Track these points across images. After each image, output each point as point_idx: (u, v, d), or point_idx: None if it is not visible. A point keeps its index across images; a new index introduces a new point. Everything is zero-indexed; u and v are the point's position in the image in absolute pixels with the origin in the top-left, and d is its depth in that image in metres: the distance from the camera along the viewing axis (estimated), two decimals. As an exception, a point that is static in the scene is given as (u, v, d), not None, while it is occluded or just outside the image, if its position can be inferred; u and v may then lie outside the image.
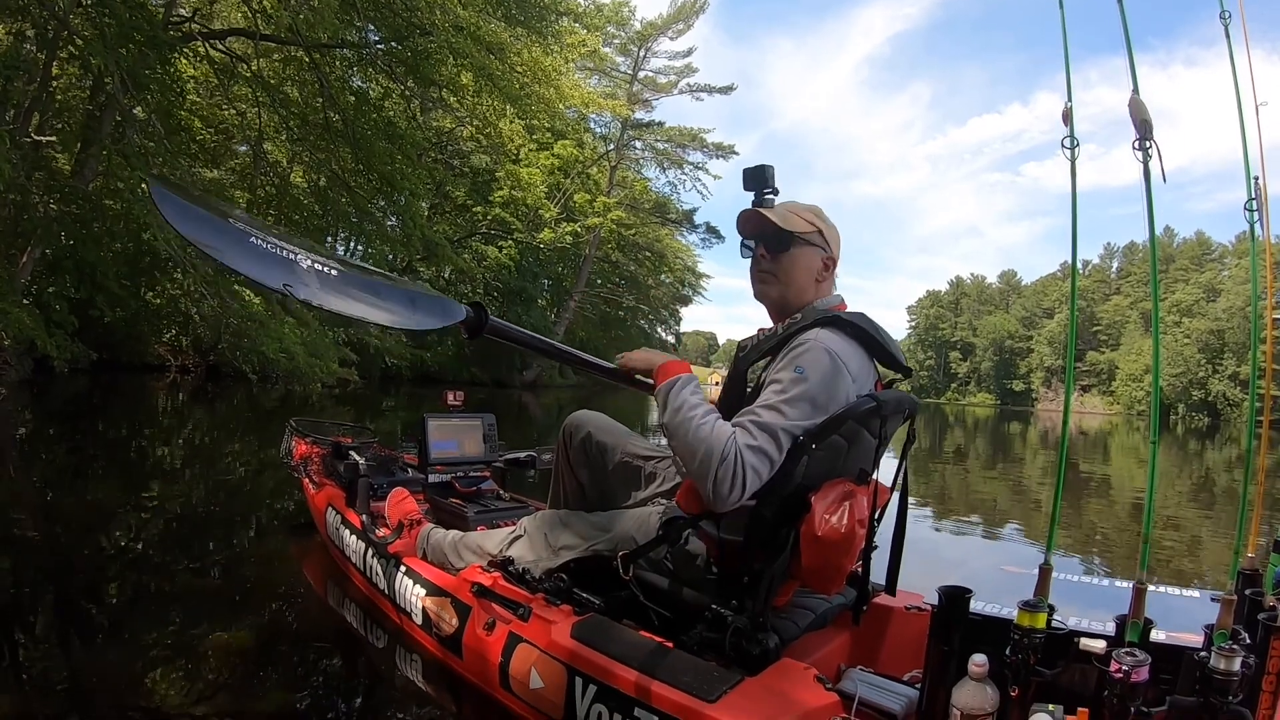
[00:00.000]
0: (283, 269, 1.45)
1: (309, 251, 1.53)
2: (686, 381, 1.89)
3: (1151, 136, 1.62)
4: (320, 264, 1.51)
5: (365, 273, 1.67)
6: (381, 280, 1.71)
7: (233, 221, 1.46)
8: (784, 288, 2.04)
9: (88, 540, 3.78)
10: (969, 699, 1.49)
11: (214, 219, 1.46)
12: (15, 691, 2.19)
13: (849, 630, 2.23)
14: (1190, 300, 68.44)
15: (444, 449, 3.40)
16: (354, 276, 1.58)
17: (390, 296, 1.69)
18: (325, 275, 1.50)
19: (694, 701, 1.63)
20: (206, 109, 17.04)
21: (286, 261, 1.46)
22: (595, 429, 2.48)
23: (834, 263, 2.06)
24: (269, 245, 1.45)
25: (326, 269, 1.52)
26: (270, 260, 1.45)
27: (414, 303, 1.71)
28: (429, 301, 1.75)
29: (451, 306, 1.77)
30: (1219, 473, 13.69)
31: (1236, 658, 1.39)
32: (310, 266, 1.49)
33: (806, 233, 2.02)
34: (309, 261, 1.49)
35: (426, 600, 2.44)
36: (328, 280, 1.50)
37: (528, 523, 2.39)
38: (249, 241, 1.42)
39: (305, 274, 1.47)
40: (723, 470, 1.67)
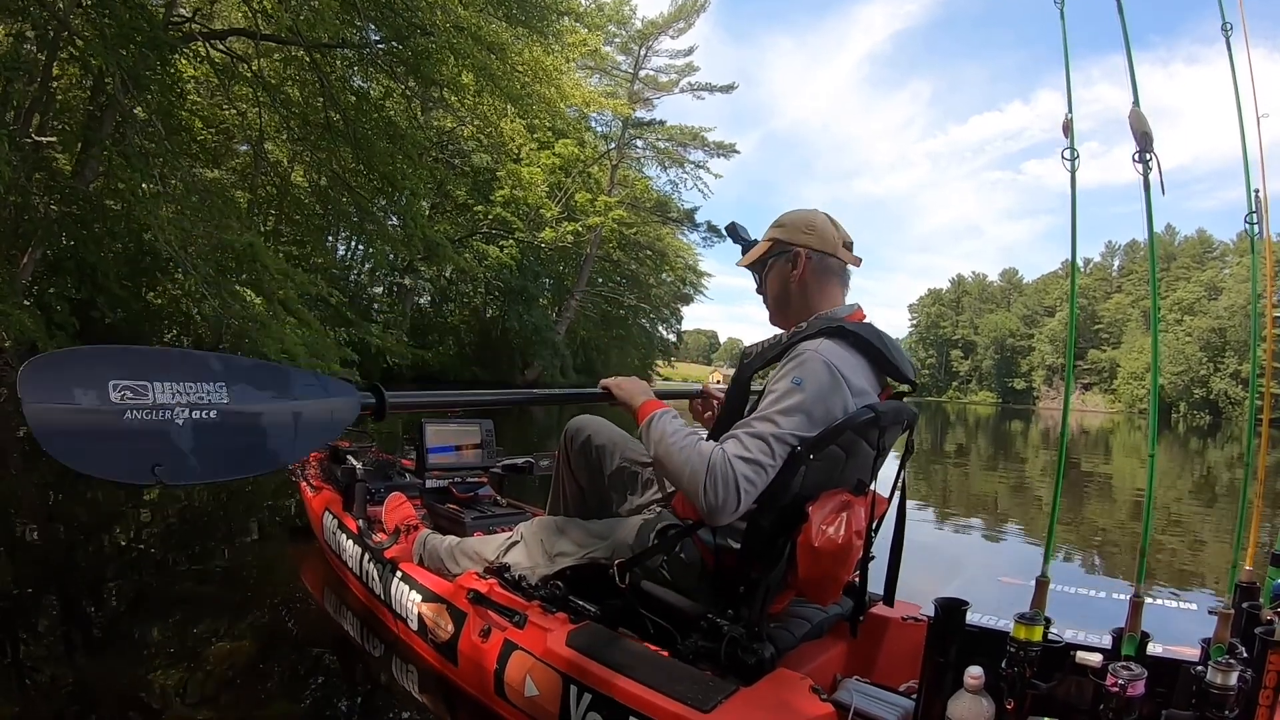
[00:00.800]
0: (154, 444, 1.34)
1: (188, 383, 1.39)
2: (664, 414, 1.90)
3: (1151, 149, 1.61)
4: (199, 410, 1.40)
5: (253, 384, 1.51)
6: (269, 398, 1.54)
7: (112, 391, 1.30)
8: (770, 306, 2.14)
9: (89, 542, 3.79)
10: (964, 711, 1.48)
11: (85, 413, 1.29)
12: (16, 693, 2.19)
13: (845, 640, 2.22)
14: (1192, 298, 68.42)
15: (441, 454, 3.39)
16: (237, 410, 1.45)
17: (280, 419, 1.55)
18: (204, 425, 1.39)
19: (689, 711, 1.63)
20: (207, 109, 17.05)
21: (160, 429, 1.35)
22: (595, 433, 2.49)
23: (804, 254, 2.04)
24: (142, 416, 1.32)
25: (206, 414, 1.40)
26: (140, 442, 1.33)
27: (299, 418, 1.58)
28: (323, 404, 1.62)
29: (349, 400, 1.68)
30: (1220, 471, 13.68)
31: (1233, 672, 1.39)
32: (187, 420, 1.38)
33: (765, 252, 2.10)
34: (186, 413, 1.38)
35: (422, 606, 2.43)
36: (206, 432, 1.39)
37: (524, 529, 2.39)
38: (121, 422, 1.30)
39: (181, 436, 1.37)
40: (711, 482, 1.66)
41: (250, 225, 14.28)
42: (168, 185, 11.82)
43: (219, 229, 12.01)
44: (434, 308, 30.64)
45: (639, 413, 1.97)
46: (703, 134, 36.76)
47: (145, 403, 1.34)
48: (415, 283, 27.52)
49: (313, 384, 1.64)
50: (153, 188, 11.55)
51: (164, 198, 11.66)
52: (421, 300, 29.85)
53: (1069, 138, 1.72)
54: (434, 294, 29.98)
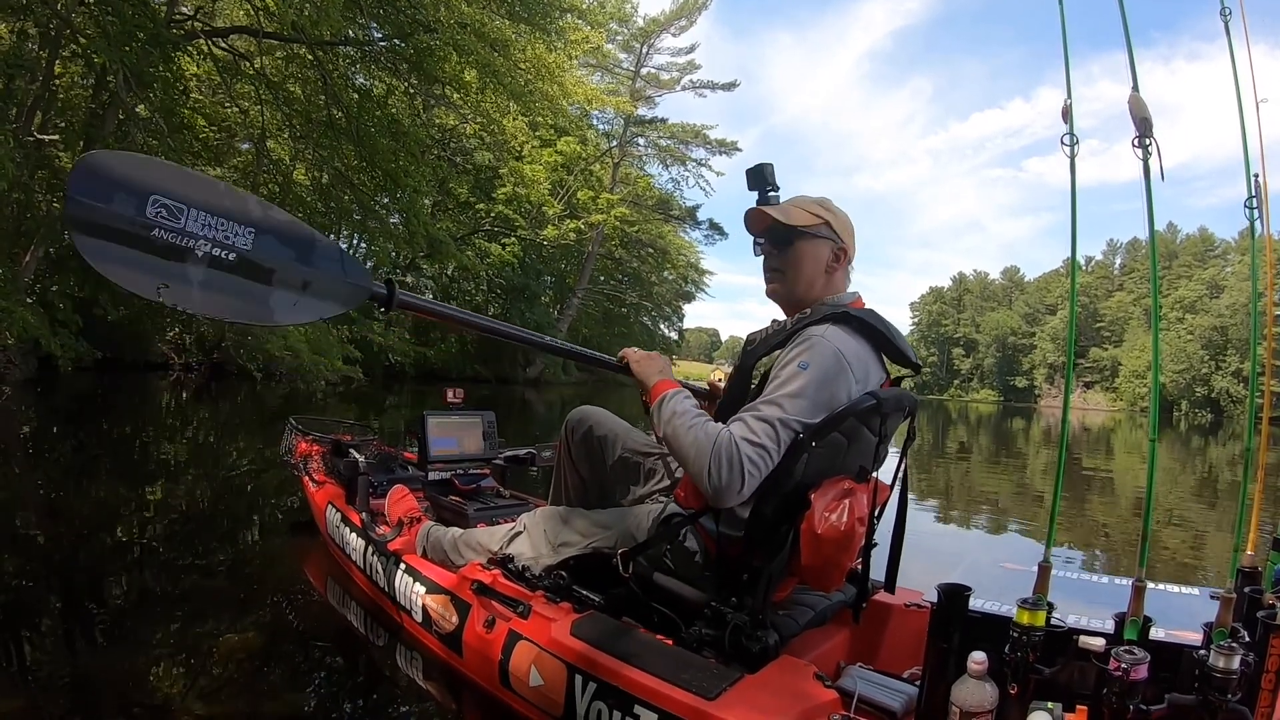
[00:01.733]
0: (167, 266, 1.42)
1: (219, 220, 1.47)
2: (676, 393, 1.91)
3: (1151, 134, 1.62)
4: (220, 249, 1.47)
5: (281, 240, 1.58)
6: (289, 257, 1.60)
7: (150, 206, 1.39)
8: (792, 283, 2.04)
9: (92, 539, 3.79)
10: (968, 696, 1.48)
11: (119, 217, 1.37)
12: (21, 690, 2.20)
13: (848, 627, 2.23)
14: (1193, 296, 68.39)
15: (444, 446, 3.40)
16: (255, 259, 1.52)
17: (290, 280, 1.60)
18: (219, 263, 1.47)
19: (694, 699, 1.63)
20: (209, 107, 17.05)
21: (177, 254, 1.42)
22: (597, 424, 2.50)
23: (845, 253, 2.04)
24: (167, 237, 1.40)
25: (225, 254, 1.48)
26: (156, 260, 1.40)
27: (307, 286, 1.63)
28: (338, 281, 1.69)
29: (362, 287, 1.74)
30: (1221, 469, 13.67)
31: (1235, 656, 1.39)
32: (205, 254, 1.45)
33: (811, 225, 2.01)
34: (207, 248, 1.45)
35: (426, 598, 2.44)
36: (218, 270, 1.46)
37: (527, 519, 2.39)
38: (147, 236, 1.38)
39: (195, 266, 1.44)
40: (715, 464, 1.67)
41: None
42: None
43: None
44: (436, 306, 30.60)
45: (652, 391, 1.98)
46: (704, 131, 36.73)
47: (175, 225, 1.42)
48: (417, 280, 27.52)
49: (334, 259, 1.70)
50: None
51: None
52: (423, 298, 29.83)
53: (1068, 123, 1.72)
54: (436, 292, 29.97)
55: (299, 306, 1.64)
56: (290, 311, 1.63)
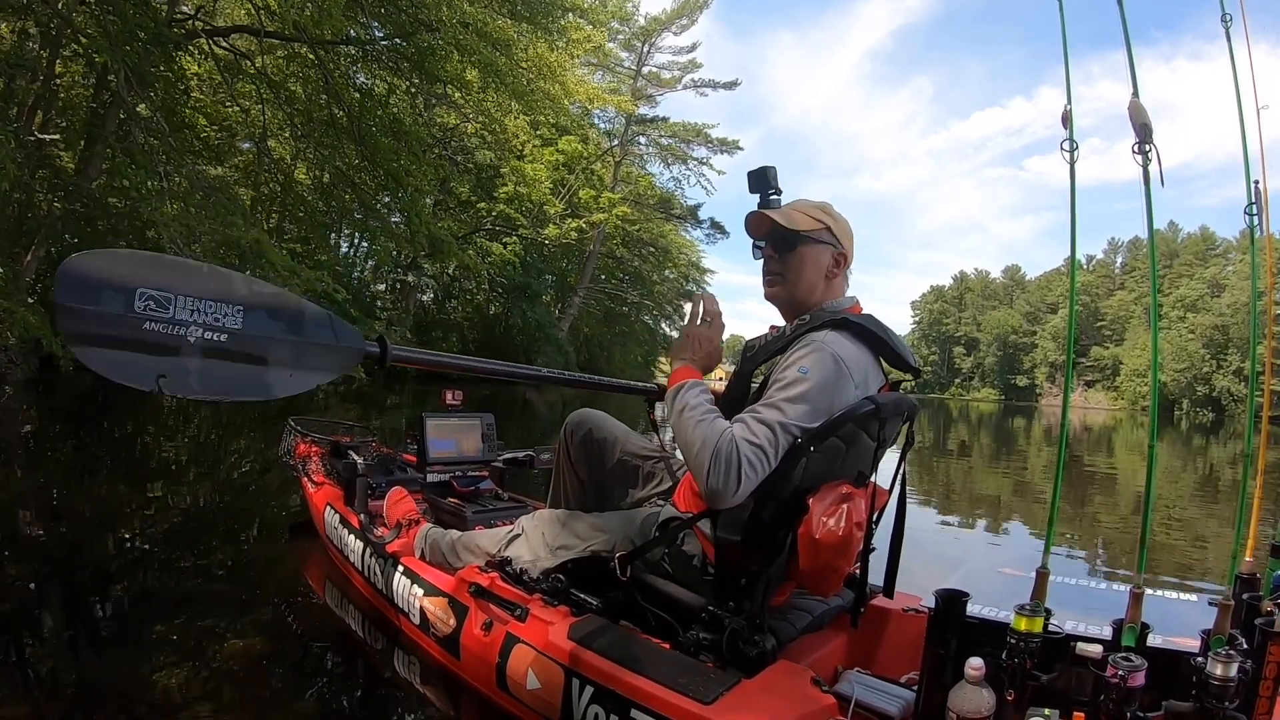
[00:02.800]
0: (163, 356, 1.44)
1: (208, 303, 1.48)
2: (693, 385, 1.89)
3: (1151, 140, 1.61)
4: (212, 331, 1.49)
5: (269, 314, 1.59)
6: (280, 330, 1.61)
7: (137, 300, 1.41)
8: (793, 287, 2.03)
9: (93, 539, 3.79)
10: (965, 702, 1.48)
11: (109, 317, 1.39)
12: (22, 691, 2.20)
13: (846, 632, 2.22)
14: (1194, 295, 68.39)
15: (442, 448, 3.40)
16: (247, 335, 1.54)
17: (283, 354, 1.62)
18: (213, 346, 1.49)
19: (691, 703, 1.63)
20: (210, 106, 17.05)
21: (172, 344, 1.44)
22: (596, 427, 2.50)
23: (845, 259, 2.04)
24: (159, 328, 1.43)
25: (217, 336, 1.50)
26: (151, 352, 1.42)
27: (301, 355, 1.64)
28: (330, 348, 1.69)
29: (353, 350, 1.74)
30: (1222, 468, 13.66)
31: (1233, 663, 1.39)
32: (198, 340, 1.47)
33: (813, 230, 2.00)
34: (199, 334, 1.47)
35: (424, 600, 2.44)
36: (212, 353, 1.48)
37: (525, 522, 2.39)
38: (141, 331, 1.41)
39: (190, 353, 1.46)
40: (715, 464, 1.66)
41: (254, 223, 14.25)
42: (171, 182, 11.82)
43: (224, 226, 12.02)
44: (437, 305, 30.62)
45: (671, 376, 1.98)
46: (706, 130, 36.70)
47: (165, 316, 1.43)
48: (418, 280, 27.52)
49: (324, 326, 1.70)
50: (156, 185, 11.56)
51: (168, 195, 11.67)
52: (425, 297, 29.84)
53: (1068, 129, 1.72)
54: (437, 291, 29.96)
55: (295, 378, 1.65)
56: (286, 384, 1.64)
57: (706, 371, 2.02)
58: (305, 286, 14.00)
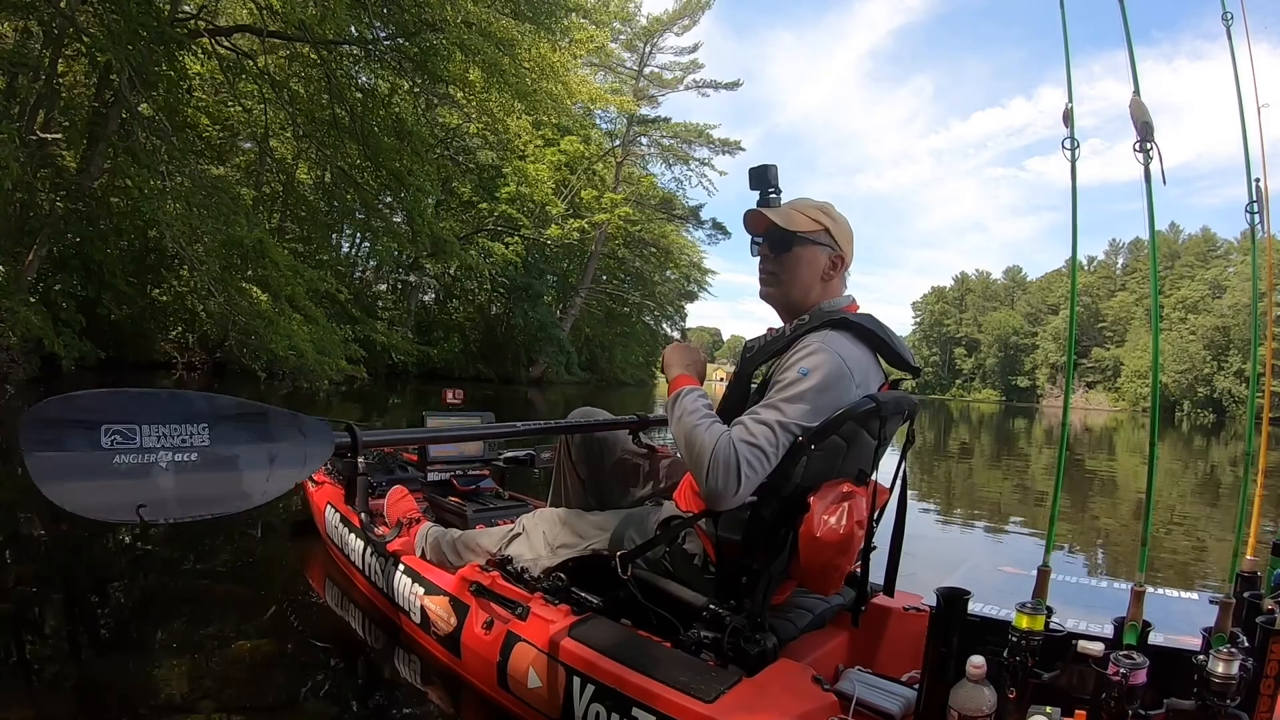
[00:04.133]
0: (138, 486, 1.44)
1: (173, 427, 1.49)
2: (690, 390, 1.90)
3: (1152, 138, 1.61)
4: (181, 452, 1.49)
5: (236, 426, 1.60)
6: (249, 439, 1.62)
7: (103, 437, 1.41)
8: (787, 287, 2.03)
9: (95, 538, 3.79)
10: (967, 700, 1.48)
11: (78, 460, 1.40)
12: (23, 691, 2.20)
13: (847, 631, 2.22)
14: (1196, 296, 68.24)
15: (443, 447, 3.40)
16: (217, 453, 1.54)
17: (256, 461, 1.63)
18: (185, 466, 1.49)
19: (692, 701, 1.63)
20: (212, 106, 17.07)
21: (143, 471, 1.44)
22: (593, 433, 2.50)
23: (843, 260, 2.03)
24: (129, 460, 1.43)
25: (187, 456, 1.50)
26: (125, 484, 1.43)
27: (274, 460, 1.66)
28: (298, 445, 1.71)
29: (323, 441, 1.79)
30: (1223, 469, 13.65)
31: (1235, 661, 1.39)
32: (170, 463, 1.47)
33: (810, 231, 1.99)
34: (169, 457, 1.47)
35: (425, 599, 2.44)
36: (186, 473, 1.48)
37: (526, 521, 2.39)
38: (110, 466, 1.41)
39: (163, 477, 1.46)
40: (715, 466, 1.67)
41: (256, 223, 14.25)
42: (173, 182, 11.83)
43: (227, 225, 12.02)
44: (438, 304, 30.66)
45: (670, 385, 1.99)
46: (708, 131, 36.70)
47: (133, 446, 1.44)
48: (420, 279, 27.54)
49: (289, 424, 1.71)
50: (158, 184, 11.57)
51: (170, 194, 11.68)
52: (426, 297, 29.88)
53: (1069, 127, 1.72)
54: (439, 291, 30.01)
55: (272, 480, 1.65)
56: (264, 488, 1.64)
57: (700, 379, 2.03)
58: (308, 286, 14.02)
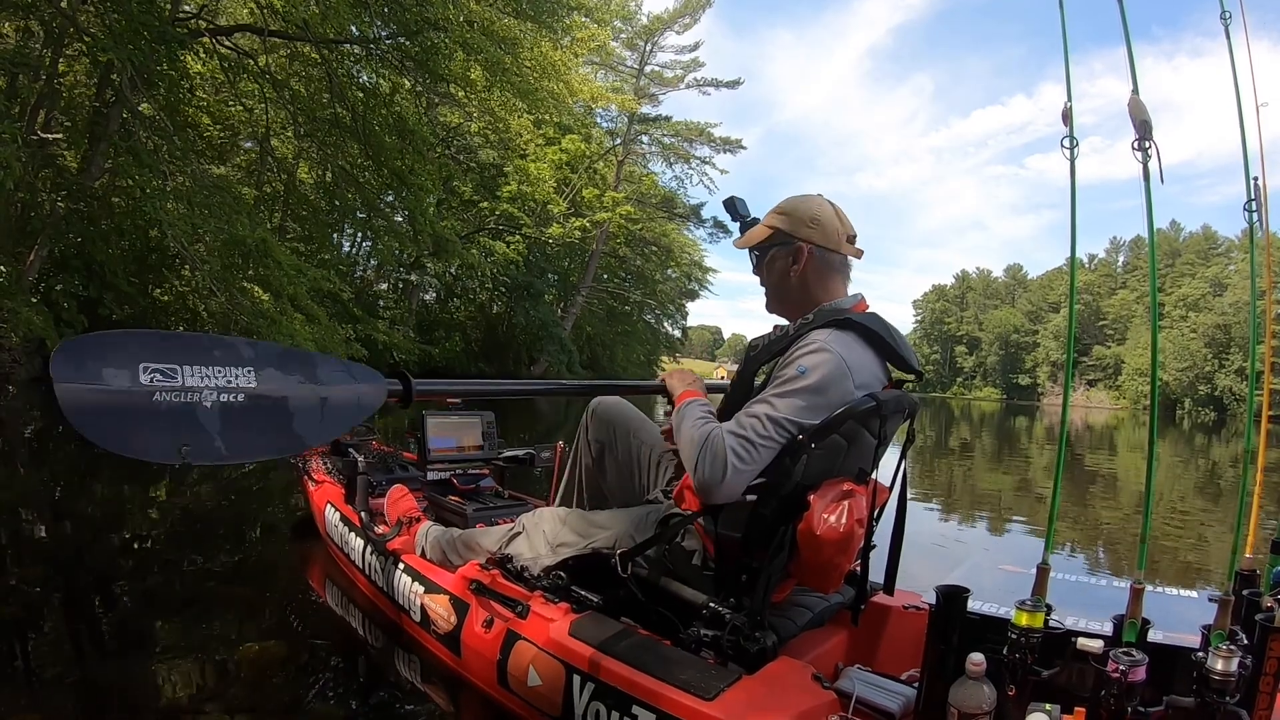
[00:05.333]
0: (182, 425, 1.37)
1: (216, 368, 1.43)
2: (693, 402, 1.95)
3: (1151, 137, 1.61)
4: (227, 393, 1.43)
5: (282, 369, 1.55)
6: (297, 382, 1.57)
7: (142, 374, 1.34)
8: (770, 297, 2.12)
9: (97, 539, 3.80)
10: (966, 698, 1.48)
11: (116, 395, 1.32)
12: (25, 691, 2.20)
13: (847, 629, 2.22)
14: (1196, 294, 68.19)
15: (443, 446, 3.40)
16: (264, 393, 1.48)
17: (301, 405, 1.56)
18: (231, 408, 1.42)
19: (692, 699, 1.64)
20: (213, 105, 17.05)
21: (187, 411, 1.38)
22: (617, 414, 2.53)
23: (808, 249, 2.00)
24: (170, 398, 1.36)
25: (234, 397, 1.43)
26: (168, 422, 1.36)
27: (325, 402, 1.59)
28: (350, 389, 1.65)
29: (376, 385, 1.70)
30: (1224, 467, 13.64)
31: (1234, 658, 1.39)
32: (215, 403, 1.41)
33: (764, 240, 2.06)
34: (214, 396, 1.41)
35: (425, 598, 2.45)
36: (232, 415, 1.42)
37: (526, 520, 2.39)
38: (151, 404, 1.34)
39: (208, 417, 1.39)
40: (702, 456, 1.71)
41: (258, 222, 14.24)
42: (175, 181, 11.82)
43: (229, 224, 12.01)
44: (440, 303, 30.64)
45: (675, 401, 2.02)
46: (709, 129, 36.68)
47: (174, 385, 1.37)
48: (421, 279, 27.52)
49: (339, 370, 1.67)
50: (159, 184, 11.56)
51: (172, 194, 11.67)
52: (427, 296, 29.87)
53: (1069, 126, 1.72)
54: (440, 290, 29.98)
55: (325, 424, 1.61)
56: (319, 431, 1.60)
57: (703, 395, 2.07)
58: (311, 285, 14.01)
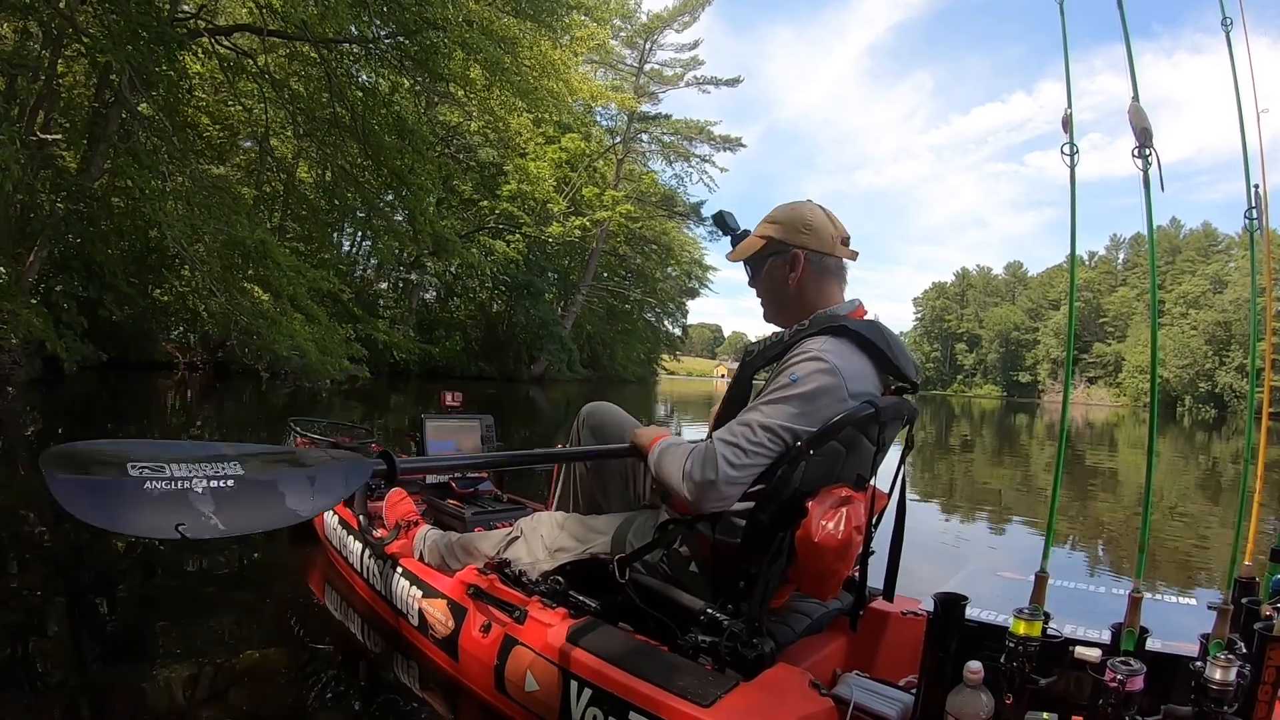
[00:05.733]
0: (176, 509, 1.40)
1: (203, 463, 1.47)
2: (668, 439, 1.98)
3: (1151, 144, 1.60)
4: (216, 480, 1.46)
5: (265, 462, 1.60)
6: (282, 469, 1.62)
7: (130, 469, 1.40)
8: (768, 307, 2.12)
9: (96, 542, 3.79)
10: (964, 706, 1.48)
11: (107, 483, 1.40)
12: (25, 694, 2.20)
13: (845, 635, 2.22)
14: (1197, 292, 68.22)
15: (441, 450, 3.40)
16: (253, 479, 1.52)
17: (290, 484, 1.60)
18: (222, 490, 1.46)
19: (689, 706, 1.63)
20: (213, 105, 17.07)
21: (180, 496, 1.41)
22: (609, 419, 2.52)
23: (803, 255, 2.00)
24: (163, 485, 1.41)
25: (223, 482, 1.47)
26: (162, 507, 1.40)
27: (313, 481, 1.63)
28: (337, 468, 1.69)
29: (361, 465, 1.73)
30: (1224, 465, 13.63)
31: (1232, 668, 1.38)
32: (206, 489, 1.44)
33: (757, 251, 2.06)
34: (204, 484, 1.44)
35: (423, 602, 2.44)
36: (224, 496, 1.45)
37: (524, 524, 2.40)
38: (142, 491, 1.39)
39: (201, 501, 1.42)
40: (691, 461, 1.74)
41: (257, 223, 14.25)
42: (174, 182, 11.82)
43: (228, 225, 12.02)
44: (440, 303, 30.67)
45: (650, 446, 2.00)
46: (708, 128, 36.70)
47: (163, 476, 1.41)
48: (421, 278, 27.54)
49: (321, 455, 1.72)
50: (159, 184, 11.56)
51: (171, 194, 11.67)
52: (427, 296, 29.89)
53: (1069, 133, 1.71)
54: (439, 289, 30.01)
55: (316, 497, 1.63)
56: (311, 503, 1.62)
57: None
58: (310, 285, 14.01)
